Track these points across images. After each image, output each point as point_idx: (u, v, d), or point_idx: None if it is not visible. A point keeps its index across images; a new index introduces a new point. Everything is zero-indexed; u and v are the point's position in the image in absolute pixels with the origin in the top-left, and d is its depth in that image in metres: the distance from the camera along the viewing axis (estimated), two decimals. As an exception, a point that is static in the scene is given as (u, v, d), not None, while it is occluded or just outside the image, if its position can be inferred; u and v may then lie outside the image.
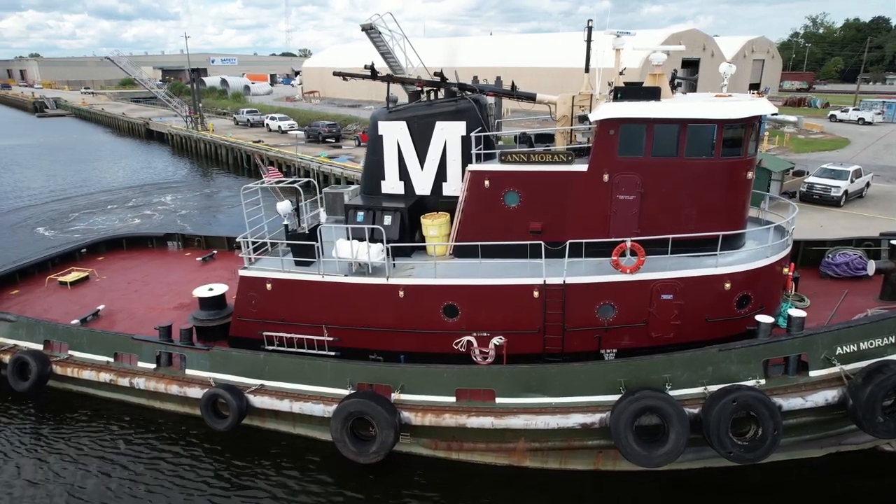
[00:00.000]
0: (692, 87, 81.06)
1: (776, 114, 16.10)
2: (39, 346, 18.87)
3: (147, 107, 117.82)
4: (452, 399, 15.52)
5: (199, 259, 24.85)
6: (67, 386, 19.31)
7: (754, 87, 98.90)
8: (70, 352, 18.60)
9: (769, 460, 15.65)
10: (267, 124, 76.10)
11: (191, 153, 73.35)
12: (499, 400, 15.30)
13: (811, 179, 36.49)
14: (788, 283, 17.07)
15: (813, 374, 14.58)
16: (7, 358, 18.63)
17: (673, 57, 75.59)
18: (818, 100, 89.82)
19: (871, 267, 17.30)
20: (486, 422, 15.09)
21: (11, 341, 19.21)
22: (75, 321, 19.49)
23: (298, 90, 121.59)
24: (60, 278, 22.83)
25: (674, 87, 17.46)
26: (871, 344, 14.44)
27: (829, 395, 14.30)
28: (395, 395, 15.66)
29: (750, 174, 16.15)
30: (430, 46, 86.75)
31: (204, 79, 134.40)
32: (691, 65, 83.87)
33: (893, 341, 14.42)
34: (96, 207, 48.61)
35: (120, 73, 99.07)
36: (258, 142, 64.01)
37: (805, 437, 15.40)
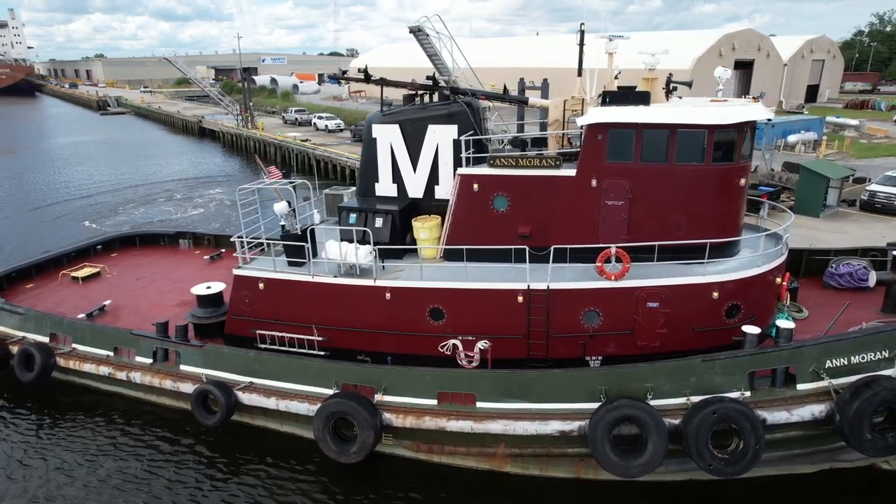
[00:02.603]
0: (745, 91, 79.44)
1: (770, 120, 15.67)
2: (45, 339, 19.56)
3: (200, 105, 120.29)
4: (434, 402, 15.55)
5: (206, 258, 25.41)
6: (70, 378, 19.99)
7: (812, 89, 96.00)
8: (73, 345, 19.25)
9: (759, 474, 15.33)
10: (314, 123, 77.32)
11: (241, 151, 74.83)
12: (479, 404, 15.27)
13: (873, 187, 34.74)
14: (783, 293, 16.59)
15: (800, 387, 14.19)
16: (15, 349, 19.36)
17: (725, 58, 74.70)
18: (883, 102, 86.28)
19: (873, 278, 16.73)
20: (465, 425, 15.09)
21: (20, 333, 19.96)
22: (81, 315, 20.14)
23: (345, 89, 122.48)
24: (73, 273, 23.61)
25: (669, 92, 17.17)
26: (863, 358, 13.97)
27: (816, 410, 13.90)
28: (378, 397, 15.77)
29: (743, 181, 15.80)
30: (476, 47, 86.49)
31: (254, 78, 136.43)
32: (745, 66, 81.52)
33: (886, 356, 13.94)
34: (145, 200, 50.57)
35: (176, 72, 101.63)
36: (305, 140, 64.99)
37: (794, 452, 14.97)
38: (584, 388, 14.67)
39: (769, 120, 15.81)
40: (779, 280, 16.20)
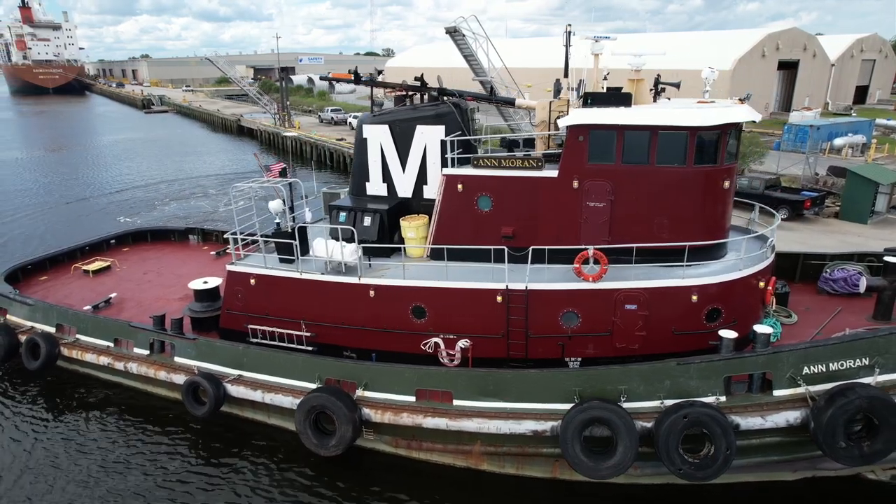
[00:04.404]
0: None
1: (755, 121, 15.42)
2: (52, 329, 20.40)
3: (239, 104, 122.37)
4: (412, 399, 15.78)
5: (212, 253, 26.08)
6: (74, 367, 20.83)
7: (861, 90, 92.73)
8: (77, 336, 20.03)
9: (737, 480, 15.21)
10: (350, 122, 78.15)
11: (278, 149, 75.94)
12: (456, 402, 15.45)
13: None
14: (767, 298, 16.31)
15: (777, 393, 14.02)
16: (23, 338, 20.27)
17: (768, 58, 72.85)
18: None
19: (863, 284, 16.35)
20: (440, 423, 15.29)
21: (29, 323, 20.86)
22: (87, 307, 20.93)
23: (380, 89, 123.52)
24: (84, 267, 24.51)
25: (657, 94, 17.05)
26: (842, 365, 13.73)
27: (791, 417, 13.73)
28: (358, 392, 16.07)
29: (727, 183, 15.62)
30: (512, 47, 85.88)
31: (292, 77, 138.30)
32: (790, 66, 79.46)
33: (866, 363, 13.66)
34: (181, 196, 52.07)
35: (217, 71, 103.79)
36: (340, 139, 65.88)
37: (772, 459, 14.76)
38: (559, 388, 14.72)
39: (751, 121, 15.51)
40: (762, 284, 15.94)
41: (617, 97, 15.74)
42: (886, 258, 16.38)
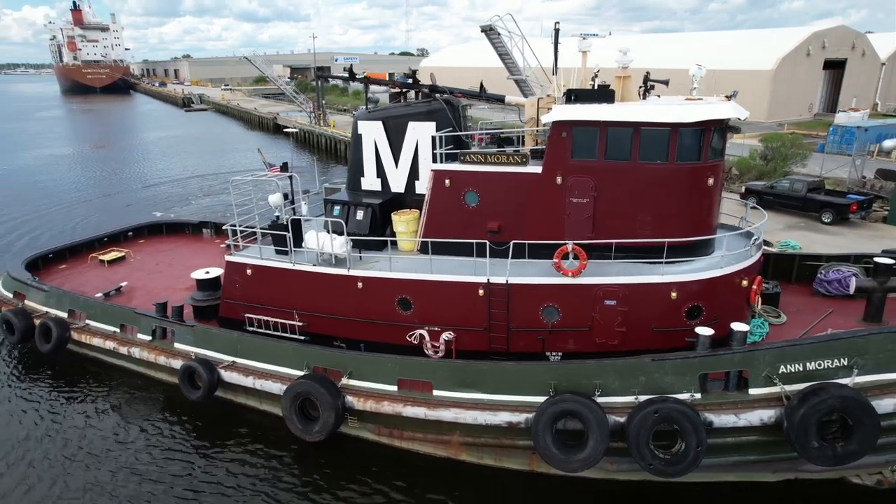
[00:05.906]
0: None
1: (741, 118, 15.29)
2: (64, 315, 21.40)
3: (276, 102, 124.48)
4: (394, 388, 16.12)
5: (222, 245, 26.83)
6: (83, 351, 21.79)
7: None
8: (87, 321, 20.97)
9: (716, 480, 15.14)
10: None
11: (312, 147, 77.22)
12: (435, 392, 15.73)
13: None
14: (752, 297, 16.12)
15: (753, 391, 13.92)
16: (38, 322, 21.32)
17: (813, 57, 70.70)
18: None
19: (853, 285, 16.04)
20: (419, 412, 15.59)
21: (44, 308, 21.91)
22: (99, 294, 21.87)
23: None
24: (101, 257, 25.58)
25: (647, 91, 17.03)
26: (819, 365, 13.57)
27: (765, 415, 13.64)
28: (343, 380, 16.49)
29: (711, 180, 15.53)
30: (547, 46, 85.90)
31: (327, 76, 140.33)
32: (837, 66, 76.87)
33: (844, 363, 13.47)
34: (215, 191, 53.39)
35: (255, 70, 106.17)
36: None
37: (749, 458, 14.63)
38: (534, 381, 14.87)
39: (737, 118, 15.39)
40: (745, 283, 15.77)
41: (600, 94, 15.80)
42: (876, 259, 16.04)
